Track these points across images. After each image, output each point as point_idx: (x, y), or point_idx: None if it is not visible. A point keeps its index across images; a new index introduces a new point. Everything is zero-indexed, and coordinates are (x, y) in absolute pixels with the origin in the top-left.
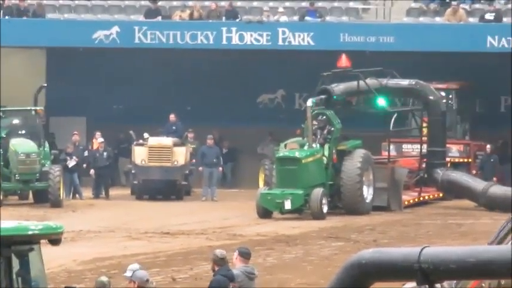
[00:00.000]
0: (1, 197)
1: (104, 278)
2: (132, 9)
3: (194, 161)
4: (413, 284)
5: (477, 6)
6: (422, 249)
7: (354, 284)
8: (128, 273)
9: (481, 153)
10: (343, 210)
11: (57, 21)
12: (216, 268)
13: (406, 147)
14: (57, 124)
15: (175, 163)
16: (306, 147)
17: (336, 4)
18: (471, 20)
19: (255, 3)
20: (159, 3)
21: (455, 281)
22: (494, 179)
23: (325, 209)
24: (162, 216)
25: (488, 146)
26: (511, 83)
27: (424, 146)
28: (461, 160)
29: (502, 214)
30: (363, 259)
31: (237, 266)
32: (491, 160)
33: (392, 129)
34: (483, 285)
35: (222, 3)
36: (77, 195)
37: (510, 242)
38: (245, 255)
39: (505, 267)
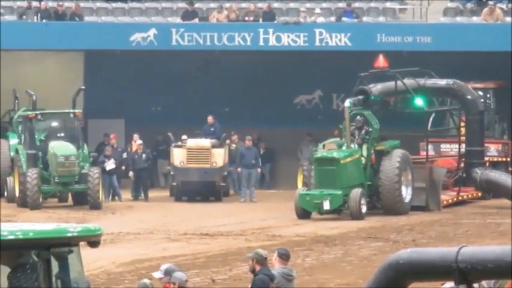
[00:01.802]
0: (41, 200)
1: (147, 281)
2: (169, 11)
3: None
4: (452, 283)
5: None
6: (460, 249)
7: (392, 284)
8: (158, 274)
9: None
10: (381, 211)
11: (94, 24)
12: (258, 268)
13: (444, 147)
14: (95, 127)
15: (214, 164)
16: (344, 148)
17: (372, 4)
18: (508, 19)
19: (291, 4)
20: (196, 5)
21: (493, 281)
22: None
23: (363, 209)
24: (201, 217)
25: None
26: None
27: (463, 146)
28: (499, 159)
29: None
30: (400, 259)
31: (275, 267)
32: None
33: (430, 129)
34: None
35: (259, 5)
36: (116, 197)
37: None
38: (284, 256)
39: None
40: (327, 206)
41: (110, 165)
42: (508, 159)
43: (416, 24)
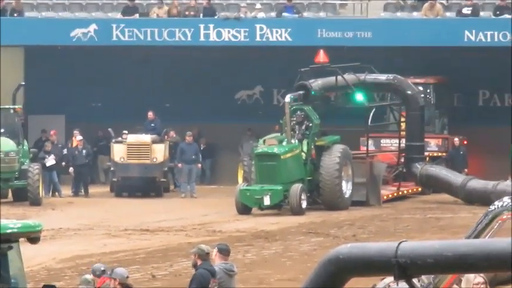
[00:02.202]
0: None
1: (89, 276)
2: (110, 6)
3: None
4: (391, 278)
5: (454, 0)
6: (399, 244)
7: (332, 279)
8: (89, 276)
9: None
10: (322, 206)
11: (35, 20)
12: (199, 262)
13: (385, 142)
14: (36, 122)
15: (154, 160)
16: (284, 143)
17: (313, 0)
18: (448, 14)
19: (232, 0)
20: (136, 1)
21: (433, 275)
22: (465, 170)
23: (304, 204)
24: (141, 213)
25: (456, 139)
26: (489, 77)
27: (403, 141)
28: (439, 154)
29: (481, 208)
30: (340, 254)
31: (216, 263)
32: (461, 152)
33: (370, 124)
34: (462, 278)
35: (200, 0)
36: (56, 193)
37: (488, 236)
38: (224, 252)
39: (482, 260)
40: (267, 201)
41: (50, 161)
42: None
43: (357, 19)
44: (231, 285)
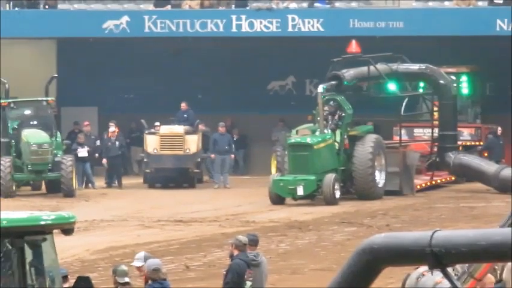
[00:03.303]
0: (14, 188)
1: (124, 267)
2: None
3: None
4: (426, 268)
5: None
6: (433, 233)
7: (366, 268)
8: (137, 263)
9: (490, 135)
10: (355, 196)
11: (67, 12)
12: (236, 253)
13: (418, 132)
14: (68, 114)
15: (187, 151)
16: (317, 133)
17: None
18: (480, 3)
19: None
20: None
21: (467, 264)
22: (503, 160)
23: (337, 194)
24: (175, 204)
25: (499, 128)
26: None
27: (436, 130)
28: (472, 143)
29: None
30: (374, 244)
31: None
32: (500, 142)
33: (403, 113)
34: (496, 267)
35: None
36: (90, 185)
37: None
38: (251, 242)
39: None
40: (300, 191)
41: (83, 152)
42: (481, 143)
43: (389, 9)
44: (257, 275)
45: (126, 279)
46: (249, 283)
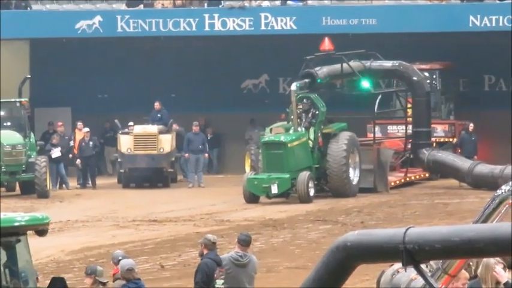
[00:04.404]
0: None
1: (99, 268)
2: None
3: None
4: (400, 265)
5: None
6: (407, 230)
7: (340, 266)
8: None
9: (463, 132)
10: (329, 193)
11: (39, 12)
12: (205, 252)
13: (391, 129)
14: (42, 115)
15: (161, 150)
16: (291, 131)
17: None
18: (453, 0)
19: None
20: None
21: (441, 261)
22: (475, 157)
23: (311, 192)
24: (149, 204)
25: (471, 125)
26: (494, 62)
27: (409, 127)
28: (446, 140)
29: (488, 192)
30: (348, 241)
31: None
32: (472, 138)
33: (377, 111)
34: (470, 263)
35: None
36: (64, 185)
37: (495, 220)
38: (242, 242)
39: (490, 245)
40: (275, 189)
41: (56, 153)
42: (455, 140)
43: (362, 6)
44: (241, 275)
45: (105, 280)
46: (220, 281)
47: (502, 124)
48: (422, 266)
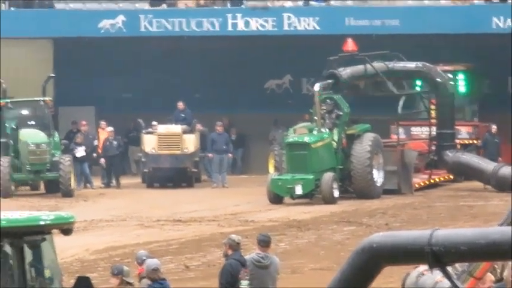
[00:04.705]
0: (13, 188)
1: (125, 267)
2: None
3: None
4: (425, 267)
5: None
6: (432, 232)
7: (365, 267)
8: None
9: (486, 133)
10: (354, 195)
11: (63, 12)
12: (230, 252)
13: (415, 130)
14: (66, 114)
15: (185, 150)
16: (315, 132)
17: None
18: (476, 1)
19: None
20: None
21: (467, 263)
22: (500, 159)
23: (336, 193)
24: (173, 203)
25: (494, 127)
26: None
27: (433, 129)
28: (470, 142)
29: None
30: (373, 243)
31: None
32: (495, 140)
33: (400, 112)
34: (495, 266)
35: None
36: (88, 185)
37: None
38: (262, 242)
39: None
40: (299, 190)
41: (80, 152)
42: (479, 142)
43: (385, 7)
44: (263, 276)
45: (131, 280)
46: (245, 282)
47: None
48: (448, 268)
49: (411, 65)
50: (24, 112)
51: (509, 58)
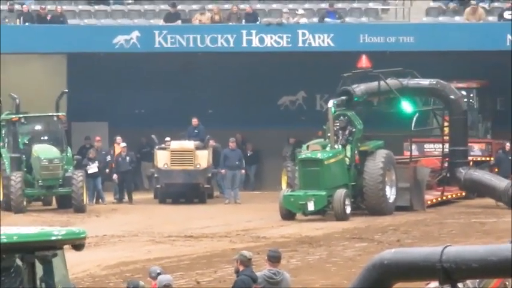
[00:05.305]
0: (25, 203)
1: (141, 283)
2: (152, 13)
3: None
4: (436, 283)
5: (496, 4)
6: (444, 249)
7: (377, 284)
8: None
9: (500, 151)
10: (366, 211)
11: (77, 27)
12: (241, 269)
13: (428, 147)
14: (79, 129)
15: (198, 166)
16: (328, 149)
17: (355, 5)
18: (490, 18)
19: (274, 6)
20: (179, 7)
21: (478, 280)
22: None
23: (348, 209)
24: (185, 219)
25: (507, 144)
26: None
27: (446, 145)
28: (483, 159)
29: None
30: (385, 259)
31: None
32: (509, 158)
33: (414, 129)
34: (507, 283)
35: (242, 6)
36: (100, 200)
37: None
38: (272, 258)
39: None
40: (311, 206)
41: (93, 168)
42: (491, 159)
43: (399, 24)
44: None
45: None
46: None
47: None
48: (459, 285)
49: (425, 82)
50: (38, 127)
51: None
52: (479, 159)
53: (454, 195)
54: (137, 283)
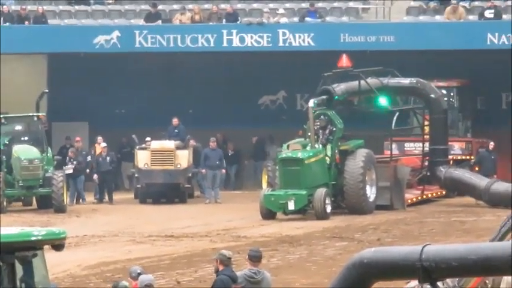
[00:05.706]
0: (5, 204)
1: (125, 283)
2: (132, 13)
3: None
4: (416, 282)
5: (476, 3)
6: (423, 248)
7: (356, 283)
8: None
9: (482, 149)
10: (346, 210)
11: (57, 27)
12: (221, 268)
13: (409, 146)
14: (59, 130)
15: (178, 166)
16: (308, 148)
17: (335, 4)
18: (471, 17)
19: (255, 5)
20: (159, 7)
21: (458, 279)
22: (495, 176)
23: (328, 209)
24: (166, 219)
25: (491, 143)
26: (510, 80)
27: (426, 144)
28: (463, 157)
29: (505, 210)
30: (364, 258)
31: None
32: (492, 157)
33: (394, 128)
34: (487, 281)
35: (223, 6)
36: (81, 200)
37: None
38: (253, 258)
39: (506, 263)
40: (291, 206)
41: (69, 169)
42: (472, 157)
43: (380, 23)
44: None
45: None
46: None
47: None
48: (439, 283)
49: (405, 81)
50: (18, 128)
51: (503, 74)
52: (459, 158)
53: (434, 194)
54: (123, 285)
